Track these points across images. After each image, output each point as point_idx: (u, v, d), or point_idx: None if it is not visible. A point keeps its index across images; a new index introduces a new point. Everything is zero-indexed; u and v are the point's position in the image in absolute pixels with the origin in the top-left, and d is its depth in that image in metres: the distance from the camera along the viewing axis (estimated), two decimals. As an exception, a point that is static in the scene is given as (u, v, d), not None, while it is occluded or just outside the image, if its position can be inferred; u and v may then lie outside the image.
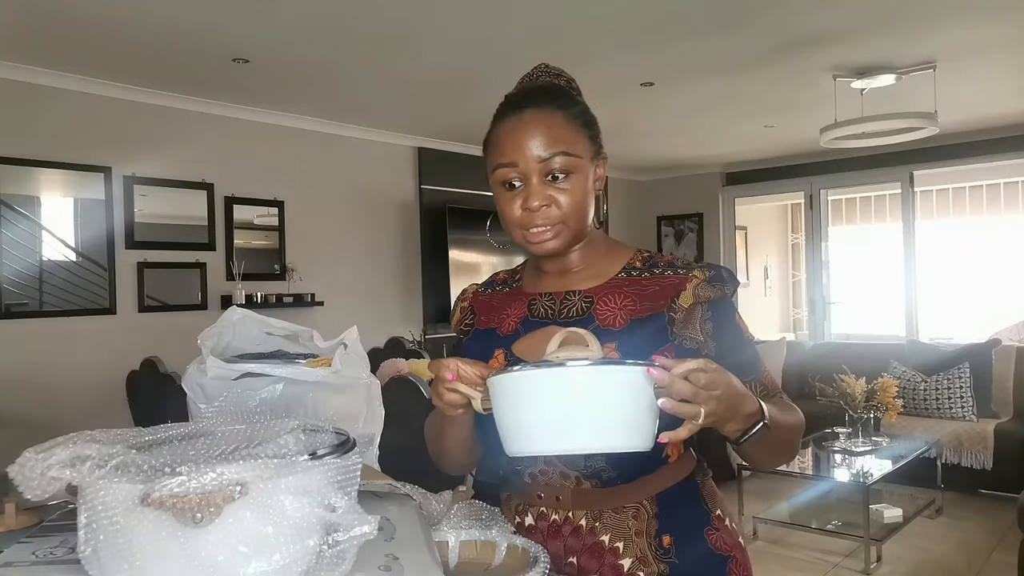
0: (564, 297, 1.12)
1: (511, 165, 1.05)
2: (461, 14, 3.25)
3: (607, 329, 1.06)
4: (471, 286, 1.29)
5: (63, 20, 3.19)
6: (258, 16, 3.21)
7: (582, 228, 1.08)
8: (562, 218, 1.05)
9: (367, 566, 0.83)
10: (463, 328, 1.24)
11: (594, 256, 1.14)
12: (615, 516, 1.07)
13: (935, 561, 3.69)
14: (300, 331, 1.68)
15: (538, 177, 1.04)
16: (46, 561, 0.84)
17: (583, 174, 1.06)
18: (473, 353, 1.14)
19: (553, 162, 1.03)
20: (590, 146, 1.08)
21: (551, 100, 1.08)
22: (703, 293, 1.06)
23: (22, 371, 3.73)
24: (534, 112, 1.06)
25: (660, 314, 1.06)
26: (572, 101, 1.09)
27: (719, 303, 1.08)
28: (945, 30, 3.61)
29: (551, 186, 1.05)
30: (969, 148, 6.09)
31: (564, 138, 1.04)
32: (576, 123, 1.07)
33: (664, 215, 7.75)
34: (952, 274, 7.26)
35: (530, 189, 1.04)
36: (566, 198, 1.05)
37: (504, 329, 1.15)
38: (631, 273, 1.11)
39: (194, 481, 0.68)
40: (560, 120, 1.05)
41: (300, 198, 5.00)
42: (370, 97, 4.59)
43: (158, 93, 4.27)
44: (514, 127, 1.06)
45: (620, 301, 1.08)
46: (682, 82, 4.31)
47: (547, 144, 1.04)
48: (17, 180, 3.81)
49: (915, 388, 5.03)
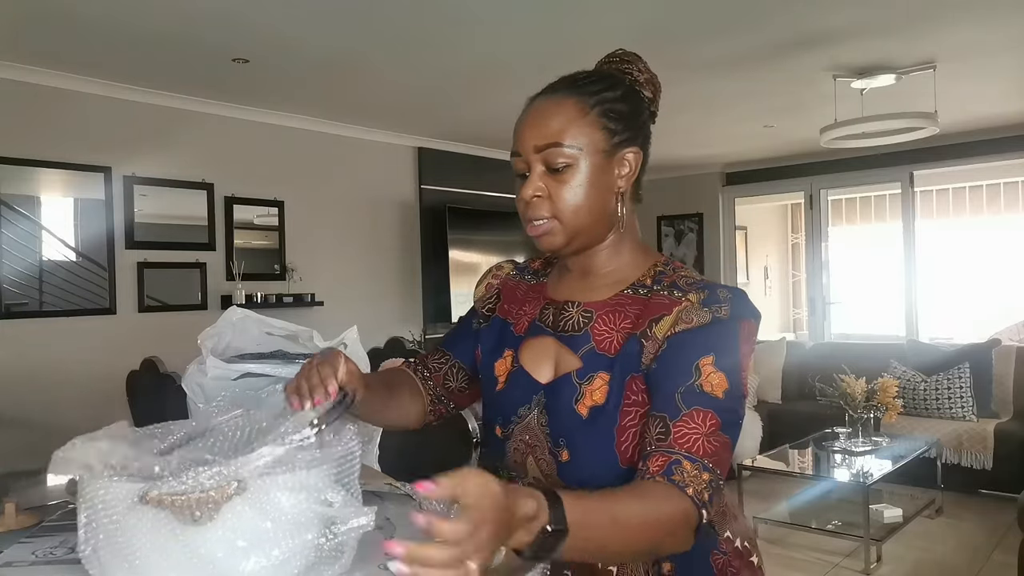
0: (562, 307, 1.05)
1: (516, 154, 1.00)
2: (461, 14, 3.25)
3: (601, 354, 0.97)
4: (508, 263, 1.21)
5: (63, 20, 3.19)
6: (258, 16, 3.21)
7: (584, 226, 0.99)
8: (554, 212, 0.97)
9: (367, 564, 0.83)
10: (485, 309, 1.17)
11: (619, 263, 1.04)
12: None
13: (935, 561, 3.69)
14: (300, 331, 1.68)
15: (539, 167, 0.98)
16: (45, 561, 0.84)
17: (589, 168, 0.97)
18: (488, 342, 1.12)
19: (549, 152, 0.96)
20: (604, 139, 0.97)
21: (568, 86, 1.00)
22: (686, 318, 0.93)
23: (22, 371, 3.73)
24: (543, 100, 1.00)
25: (634, 337, 0.96)
26: (597, 88, 0.99)
27: (699, 334, 0.92)
28: (945, 30, 3.61)
29: (551, 178, 0.97)
30: (969, 148, 6.09)
31: (566, 127, 0.96)
32: (591, 112, 0.97)
33: (664, 215, 7.74)
34: (952, 274, 7.26)
35: (529, 179, 0.99)
36: (561, 191, 0.97)
37: (518, 328, 1.10)
38: (638, 291, 1.01)
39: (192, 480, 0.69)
40: (569, 107, 0.97)
41: (300, 198, 5.00)
42: (370, 97, 4.59)
43: (158, 93, 4.27)
44: (522, 116, 1.01)
45: (619, 322, 0.98)
46: (682, 82, 4.33)
47: (545, 133, 0.97)
48: (17, 180, 3.81)
49: (915, 388, 5.02)
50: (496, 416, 1.06)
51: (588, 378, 0.97)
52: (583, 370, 0.98)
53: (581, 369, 0.98)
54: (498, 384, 1.07)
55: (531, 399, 1.02)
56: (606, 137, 0.98)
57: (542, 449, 0.99)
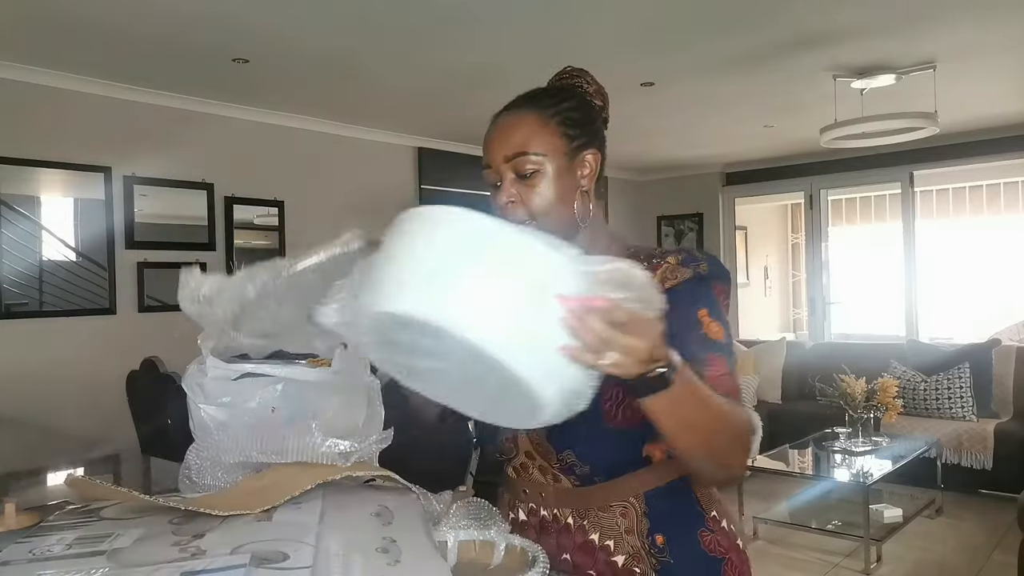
0: None
1: (486, 167, 1.10)
2: (461, 14, 3.25)
3: None
4: None
5: (63, 20, 3.19)
6: (258, 16, 3.21)
7: (559, 224, 1.07)
8: (531, 214, 1.06)
9: (365, 548, 0.84)
10: None
11: (596, 252, 1.13)
12: (602, 515, 1.09)
13: (935, 561, 3.69)
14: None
15: (509, 176, 1.07)
16: (43, 558, 0.84)
17: (554, 171, 1.07)
18: None
19: (518, 161, 1.06)
20: (565, 144, 1.08)
21: (528, 102, 1.11)
22: (669, 275, 1.04)
23: (22, 371, 3.73)
24: (507, 116, 1.10)
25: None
26: (553, 101, 1.10)
27: (688, 287, 1.03)
28: (945, 30, 3.61)
29: (521, 184, 1.07)
30: (969, 148, 6.09)
31: (530, 137, 1.06)
32: (550, 122, 1.08)
33: (664, 215, 7.75)
34: (952, 274, 7.25)
35: (501, 187, 1.08)
36: (533, 195, 1.06)
37: None
38: None
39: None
40: (531, 120, 1.07)
41: (300, 198, 5.00)
42: (370, 97, 4.59)
43: (158, 93, 4.27)
44: (489, 131, 1.11)
45: None
46: (682, 82, 4.31)
47: (511, 144, 1.07)
48: (17, 180, 3.81)
49: (915, 388, 5.03)
50: None
51: None
52: None
53: None
54: None
55: None
56: (566, 143, 1.08)
57: None
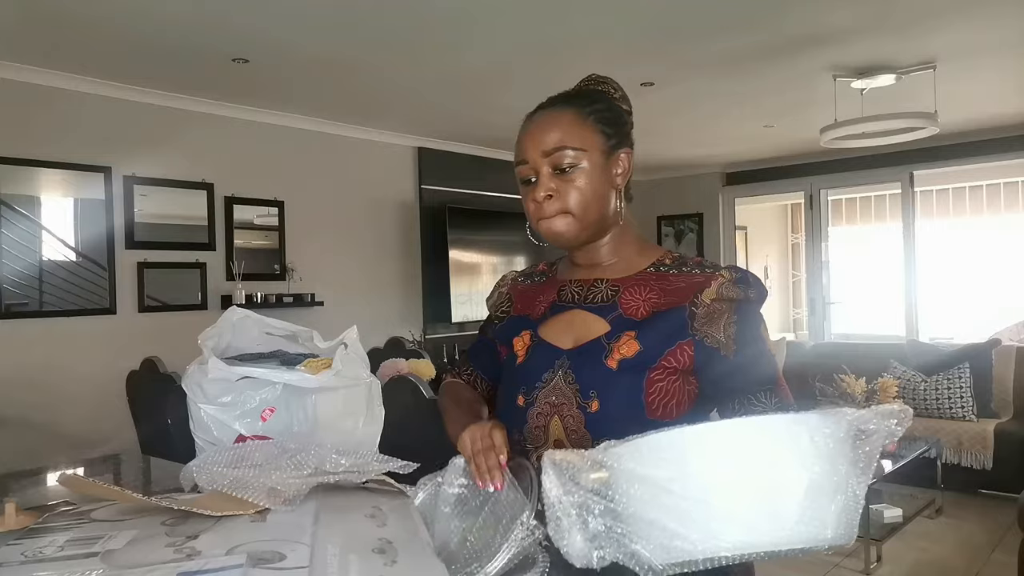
0: (592, 284, 1.17)
1: (523, 162, 1.13)
2: (461, 14, 3.26)
3: (629, 318, 1.10)
4: (511, 273, 1.36)
5: (63, 20, 3.19)
6: (258, 15, 3.21)
7: (594, 219, 1.12)
8: (568, 208, 1.10)
9: (361, 549, 0.84)
10: (499, 313, 1.30)
11: (625, 252, 1.18)
12: None
13: (935, 561, 3.69)
14: (300, 331, 1.68)
15: (546, 170, 1.11)
16: (35, 560, 0.84)
17: (591, 167, 1.10)
18: (504, 334, 1.24)
19: (557, 156, 1.09)
20: (602, 141, 1.12)
21: (565, 100, 1.15)
22: (727, 292, 1.08)
23: (22, 371, 3.73)
24: (543, 114, 1.14)
25: (681, 308, 1.09)
26: (589, 100, 1.14)
27: (745, 308, 1.08)
28: (945, 30, 3.61)
29: (559, 179, 1.10)
30: (969, 148, 6.09)
31: (570, 133, 1.10)
32: (588, 119, 1.11)
33: (664, 215, 7.75)
34: (952, 274, 7.25)
35: (538, 182, 1.11)
36: (571, 189, 1.10)
37: (535, 314, 1.21)
38: (660, 269, 1.15)
39: None
40: (569, 117, 1.11)
41: (300, 198, 5.00)
42: (370, 97, 4.59)
43: (158, 93, 4.27)
44: (527, 128, 1.14)
45: (645, 293, 1.12)
46: (682, 82, 4.31)
47: (550, 139, 1.10)
48: (17, 180, 3.81)
49: (915, 388, 5.02)
50: (519, 387, 1.15)
51: (616, 337, 1.09)
52: (611, 332, 1.10)
53: (610, 332, 1.10)
54: (518, 358, 1.18)
55: (554, 364, 1.13)
56: (604, 140, 1.12)
57: (570, 406, 1.09)
